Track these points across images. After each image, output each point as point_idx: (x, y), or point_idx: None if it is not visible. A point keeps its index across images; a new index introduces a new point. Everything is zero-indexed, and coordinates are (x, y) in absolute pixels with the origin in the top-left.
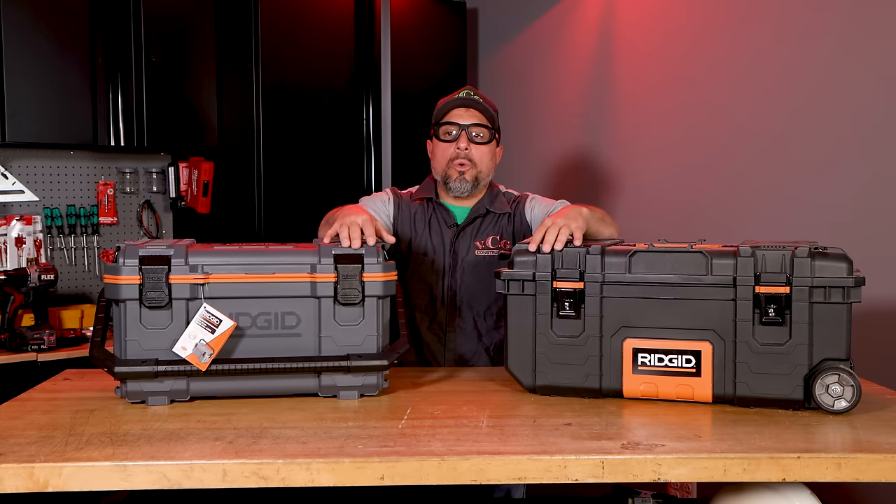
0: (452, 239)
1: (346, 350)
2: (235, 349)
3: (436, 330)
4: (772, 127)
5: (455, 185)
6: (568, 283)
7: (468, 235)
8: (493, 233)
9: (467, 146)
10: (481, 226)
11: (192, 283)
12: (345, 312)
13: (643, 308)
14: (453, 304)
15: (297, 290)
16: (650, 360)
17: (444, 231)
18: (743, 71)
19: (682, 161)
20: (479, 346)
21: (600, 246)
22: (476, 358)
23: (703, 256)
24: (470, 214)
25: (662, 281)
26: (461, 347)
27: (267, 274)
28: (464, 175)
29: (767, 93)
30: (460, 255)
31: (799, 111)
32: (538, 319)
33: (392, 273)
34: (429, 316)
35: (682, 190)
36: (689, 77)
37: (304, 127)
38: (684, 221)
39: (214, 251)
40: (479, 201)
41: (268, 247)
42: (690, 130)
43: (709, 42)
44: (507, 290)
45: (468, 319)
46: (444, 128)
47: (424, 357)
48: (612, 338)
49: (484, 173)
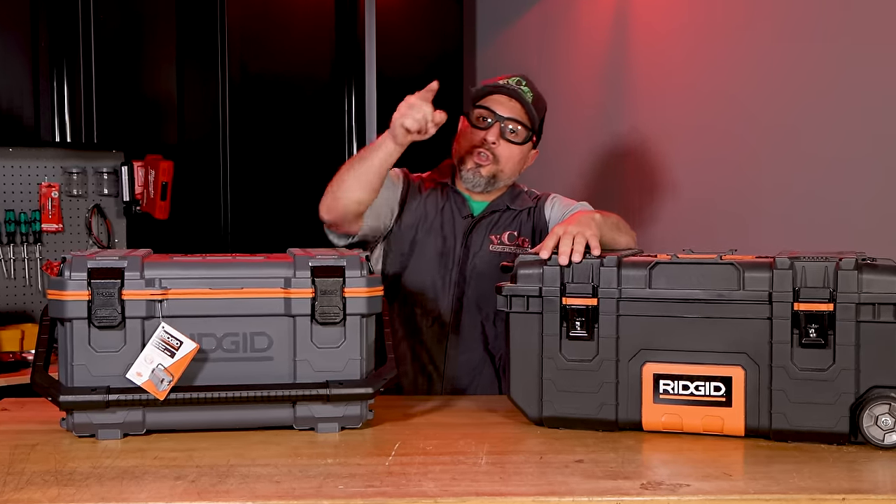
0: (466, 230)
1: (324, 376)
2: (198, 375)
3: (437, 330)
4: (801, 122)
5: (467, 175)
6: (579, 300)
7: (483, 228)
8: (510, 228)
9: (496, 141)
10: (499, 220)
11: (149, 299)
12: (323, 333)
13: (666, 328)
14: (460, 302)
15: (269, 307)
16: (674, 387)
17: (458, 221)
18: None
19: (706, 155)
20: (484, 354)
21: (616, 257)
22: (481, 366)
23: (734, 269)
24: (488, 208)
25: (687, 297)
26: (465, 353)
27: (234, 289)
28: (479, 169)
29: (799, 85)
30: (472, 248)
31: (831, 105)
32: (545, 341)
33: (378, 288)
34: (431, 314)
35: (703, 186)
36: (711, 62)
37: (276, 120)
38: (707, 221)
39: (174, 263)
40: (498, 197)
41: (235, 258)
42: (713, 121)
43: (731, 26)
44: (510, 308)
45: (475, 321)
46: (478, 112)
47: (421, 362)
48: (629, 362)
49: (505, 174)
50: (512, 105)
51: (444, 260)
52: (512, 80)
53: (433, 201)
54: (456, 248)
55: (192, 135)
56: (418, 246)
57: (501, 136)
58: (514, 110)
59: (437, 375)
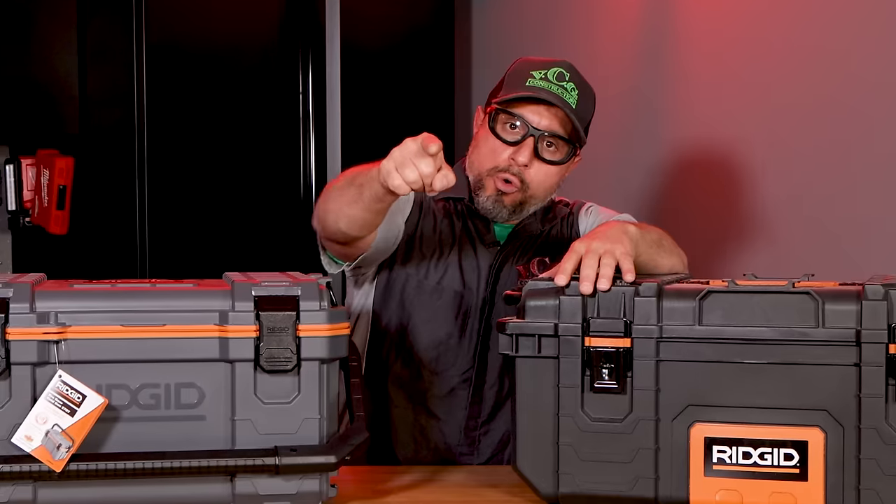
0: (493, 264)
1: (272, 441)
2: (107, 439)
3: (453, 399)
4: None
5: (485, 203)
6: (607, 340)
7: (510, 259)
8: (540, 253)
9: (528, 163)
10: (528, 244)
11: (42, 339)
12: (271, 384)
13: (721, 377)
14: (484, 359)
15: (200, 350)
16: (732, 455)
17: (481, 251)
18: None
19: (777, 153)
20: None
21: (656, 283)
22: (507, 440)
23: (810, 300)
24: (518, 232)
25: (749, 336)
26: (487, 424)
27: (154, 326)
28: (503, 198)
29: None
30: (501, 287)
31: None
32: (562, 394)
33: (342, 325)
34: (443, 377)
35: (771, 197)
36: (783, 34)
37: (209, 102)
38: (776, 239)
39: (75, 292)
40: (527, 217)
41: (155, 285)
42: (789, 109)
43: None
44: (515, 350)
45: (504, 384)
46: (506, 118)
47: (426, 436)
48: (673, 422)
49: (537, 199)
50: (552, 115)
51: (463, 304)
52: (552, 71)
53: (447, 225)
54: (479, 287)
55: (98, 123)
56: (429, 284)
57: (535, 154)
58: (555, 122)
59: (447, 453)
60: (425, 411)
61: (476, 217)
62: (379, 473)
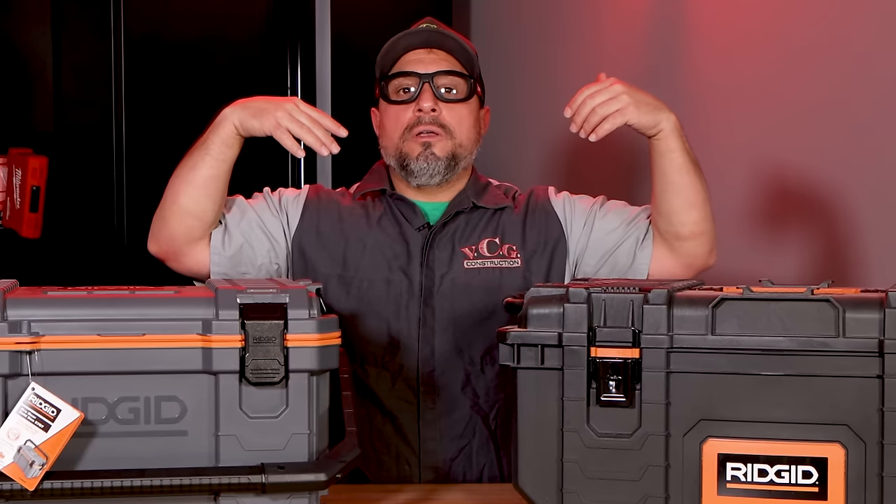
0: (424, 246)
1: (258, 457)
2: (83, 456)
3: (403, 392)
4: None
5: (420, 165)
6: (615, 350)
7: (448, 240)
8: (488, 234)
9: (434, 106)
10: (467, 225)
11: (14, 349)
12: (257, 398)
13: (735, 390)
14: (430, 348)
15: (182, 361)
16: (747, 472)
17: (410, 235)
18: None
19: (794, 151)
20: (473, 412)
21: (666, 291)
22: (470, 432)
23: (830, 307)
24: (448, 210)
25: (766, 346)
26: (446, 417)
27: (132, 336)
28: (432, 149)
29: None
30: (438, 269)
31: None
32: (566, 408)
33: (333, 334)
34: (390, 370)
35: (784, 198)
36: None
37: (192, 99)
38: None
39: (49, 300)
40: (457, 194)
41: (134, 292)
42: (800, 109)
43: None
44: (517, 361)
45: (456, 371)
46: (396, 82)
47: (385, 440)
48: (685, 437)
49: (465, 147)
50: (435, 56)
51: (398, 291)
52: (419, 28)
53: (362, 218)
54: (413, 272)
55: (74, 120)
56: (354, 282)
57: (438, 98)
58: (440, 61)
59: (409, 454)
60: (379, 411)
61: (402, 204)
62: (371, 492)
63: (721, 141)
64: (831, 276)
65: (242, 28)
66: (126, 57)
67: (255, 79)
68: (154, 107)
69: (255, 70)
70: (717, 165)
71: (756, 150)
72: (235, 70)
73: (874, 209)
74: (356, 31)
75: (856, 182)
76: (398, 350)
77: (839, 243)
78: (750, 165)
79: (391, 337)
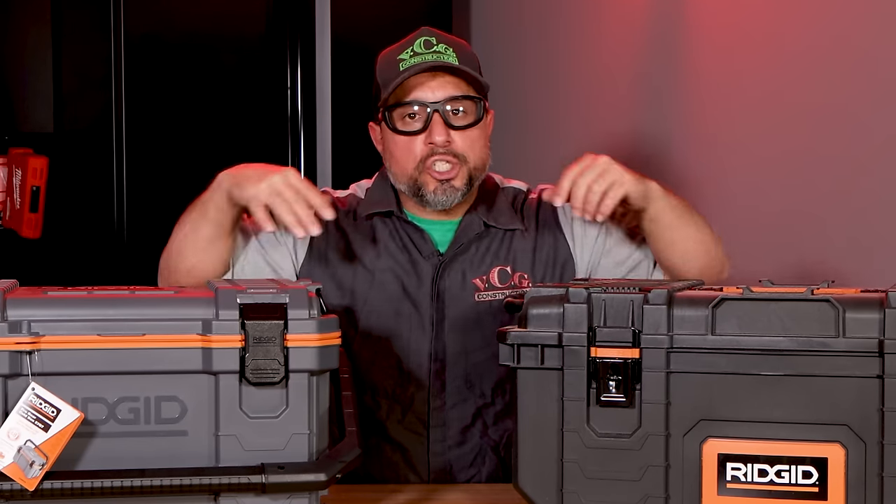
0: (434, 277)
1: (259, 457)
2: (83, 456)
3: (413, 425)
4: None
5: (439, 198)
6: (615, 350)
7: (458, 269)
8: (499, 261)
9: (447, 137)
10: (478, 251)
11: (14, 349)
12: (257, 398)
13: (735, 390)
14: (441, 382)
15: (182, 361)
16: (747, 472)
17: (420, 265)
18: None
19: (794, 152)
20: (483, 443)
21: (666, 291)
22: (479, 462)
23: (830, 308)
24: (458, 236)
25: (766, 347)
26: (456, 449)
27: (132, 336)
28: (451, 183)
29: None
30: (449, 302)
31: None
32: (566, 408)
33: (333, 334)
34: (401, 404)
35: (785, 199)
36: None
37: (192, 99)
38: (792, 243)
39: (49, 300)
40: (468, 212)
41: (134, 292)
42: (802, 115)
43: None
44: (517, 362)
45: (468, 404)
46: (400, 111)
47: (394, 468)
48: (685, 437)
49: (479, 168)
50: (440, 81)
51: (407, 326)
52: (417, 43)
53: (370, 242)
54: (423, 304)
55: (74, 121)
56: (363, 314)
57: (449, 126)
58: (446, 86)
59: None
60: (385, 440)
61: (410, 228)
62: (371, 492)
63: (721, 141)
64: (831, 276)
65: (242, 28)
66: (126, 57)
67: (256, 79)
68: (154, 107)
69: (255, 70)
70: (717, 165)
71: (756, 150)
72: (235, 70)
73: (874, 209)
74: (356, 31)
75: (856, 182)
76: (409, 384)
77: (839, 243)
78: (750, 165)
79: (402, 372)
